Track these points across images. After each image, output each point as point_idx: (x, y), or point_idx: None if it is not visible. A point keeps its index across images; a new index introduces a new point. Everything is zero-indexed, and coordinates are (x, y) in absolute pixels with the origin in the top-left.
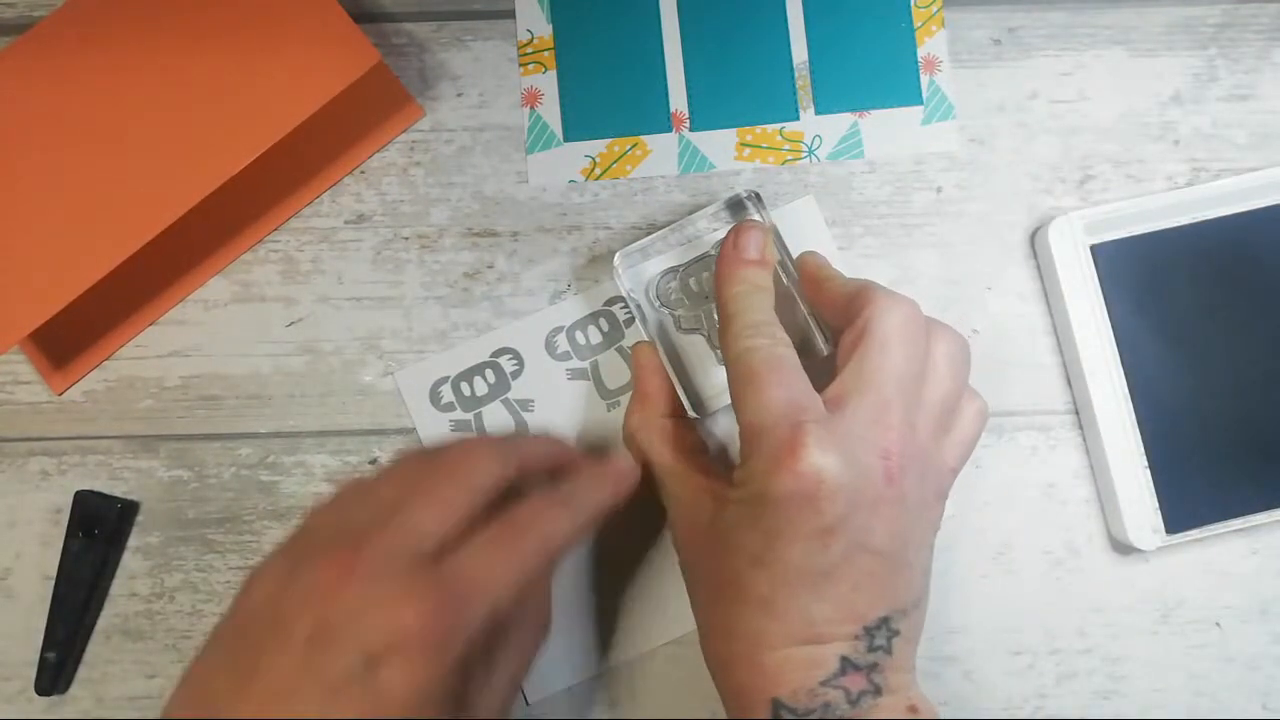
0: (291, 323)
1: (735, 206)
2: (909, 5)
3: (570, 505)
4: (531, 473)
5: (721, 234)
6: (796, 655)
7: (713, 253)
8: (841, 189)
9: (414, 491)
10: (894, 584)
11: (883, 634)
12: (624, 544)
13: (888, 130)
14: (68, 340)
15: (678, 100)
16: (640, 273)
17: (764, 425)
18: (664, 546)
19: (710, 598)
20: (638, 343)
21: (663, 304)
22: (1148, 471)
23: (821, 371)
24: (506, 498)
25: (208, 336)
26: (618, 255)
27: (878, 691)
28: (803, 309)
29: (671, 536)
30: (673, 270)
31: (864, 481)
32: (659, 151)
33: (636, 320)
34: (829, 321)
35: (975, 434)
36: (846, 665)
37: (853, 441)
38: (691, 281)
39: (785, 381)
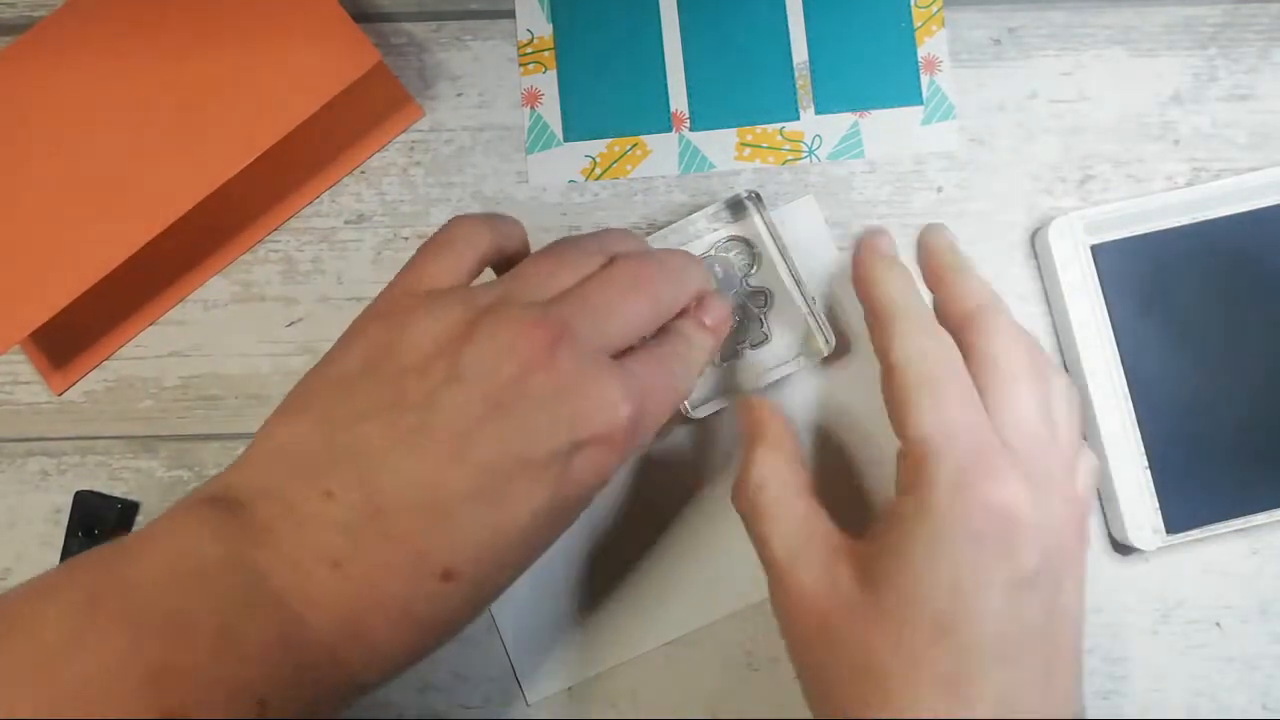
0: (291, 323)
1: (735, 206)
2: (909, 5)
3: (695, 347)
4: (689, 300)
5: (722, 234)
6: None
7: (712, 253)
8: (842, 189)
9: (609, 292)
10: (1080, 669)
11: None
12: (624, 543)
13: (888, 130)
14: (68, 340)
15: (678, 100)
16: None
17: (944, 443)
18: (664, 546)
19: (861, 690)
20: (747, 397)
21: None
22: (1148, 471)
23: (821, 372)
24: None
25: (208, 336)
26: None
27: None
28: (803, 308)
29: (782, 628)
30: None
31: (1056, 526)
32: (659, 151)
33: None
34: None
35: (1089, 495)
36: None
37: (1039, 480)
38: None
39: (968, 399)
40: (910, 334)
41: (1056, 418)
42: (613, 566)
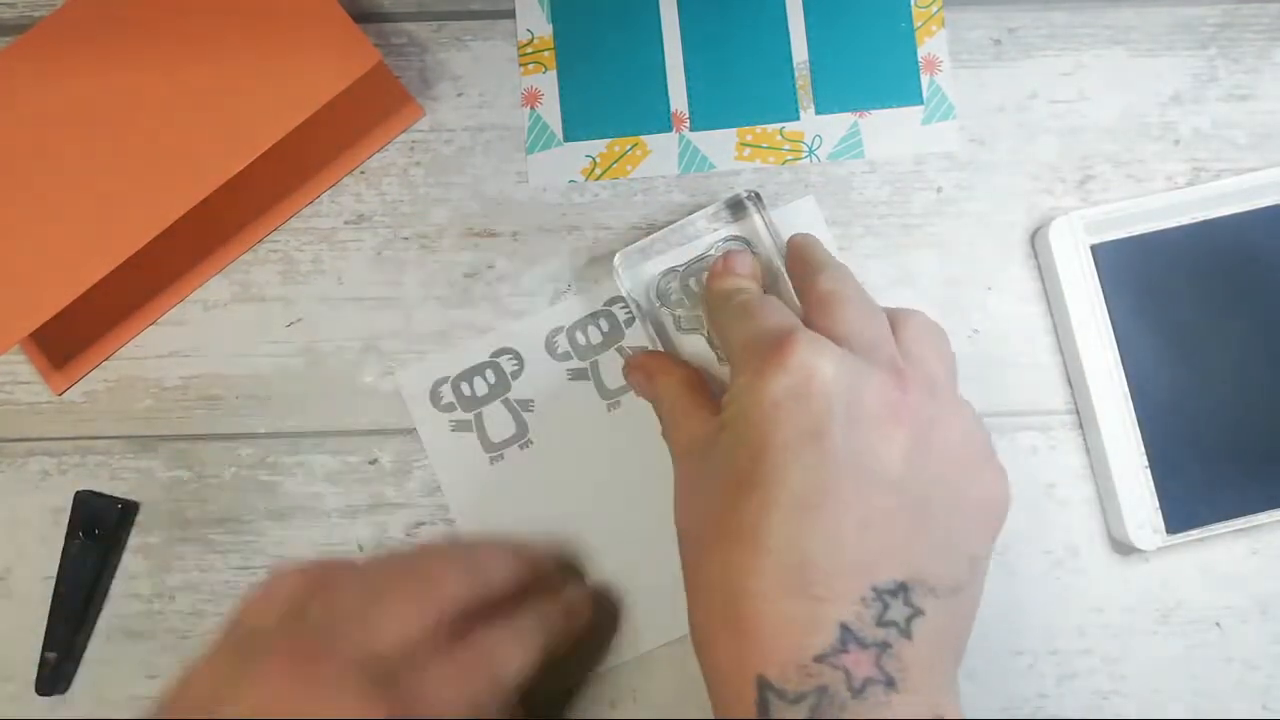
0: (291, 323)
1: (735, 206)
2: (909, 5)
3: (524, 641)
4: (494, 591)
5: (722, 234)
6: (786, 613)
7: (713, 253)
8: (841, 189)
9: (378, 601)
10: (917, 539)
11: (899, 605)
12: (624, 543)
13: (888, 130)
14: (68, 340)
15: (678, 100)
16: (640, 273)
17: (753, 341)
18: (664, 546)
19: (693, 549)
20: (631, 357)
21: (662, 304)
22: (1148, 471)
23: None
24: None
25: (208, 336)
26: (618, 255)
27: (890, 684)
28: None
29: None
30: (673, 270)
31: (868, 387)
32: (659, 151)
33: (637, 320)
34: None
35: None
36: (848, 637)
37: (851, 356)
38: (691, 281)
39: (779, 311)
40: (723, 288)
41: (910, 345)
42: (613, 567)
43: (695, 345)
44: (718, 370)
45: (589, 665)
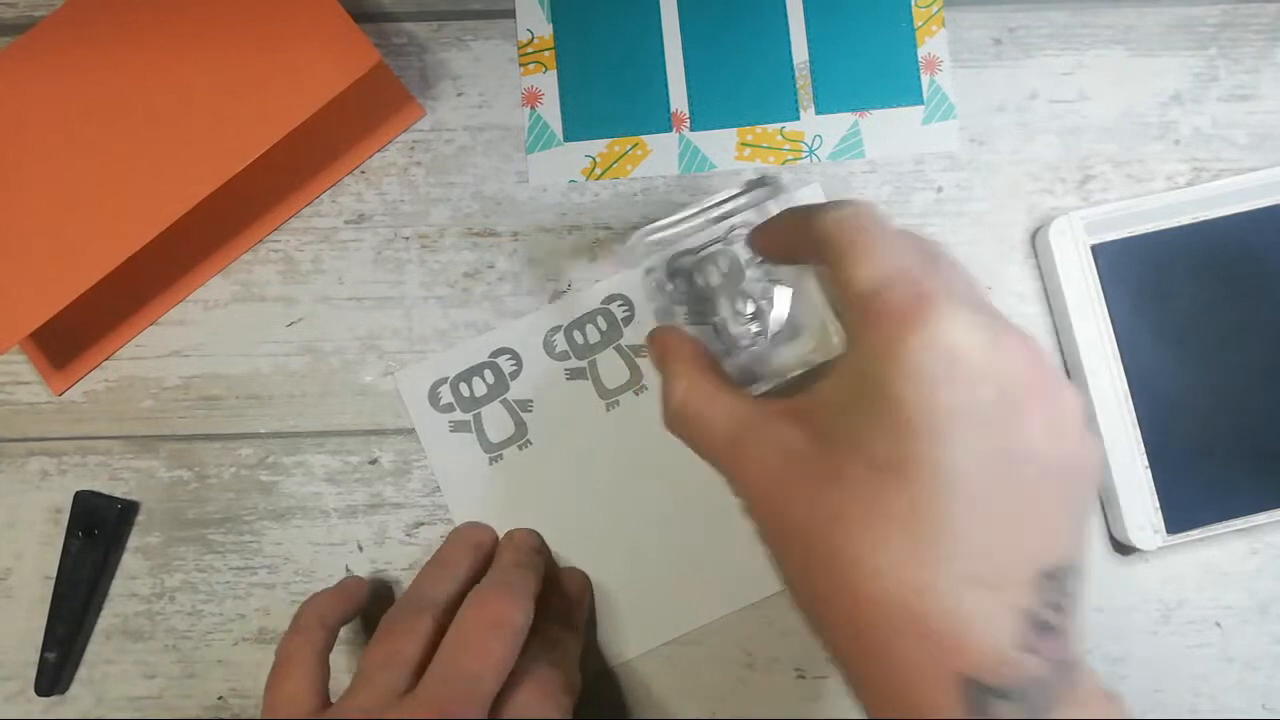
0: (291, 323)
1: (756, 185)
2: (909, 5)
3: (567, 652)
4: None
5: (736, 219)
6: (972, 605)
7: (718, 247)
8: (842, 189)
9: (466, 648)
10: (1062, 517)
11: (1063, 587)
12: (623, 544)
13: (888, 130)
14: (68, 340)
15: (678, 100)
16: (652, 255)
17: (879, 289)
18: (663, 546)
19: (814, 538)
20: (652, 330)
21: (675, 290)
22: (1148, 471)
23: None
24: None
25: (208, 336)
26: (633, 236)
27: (1076, 666)
28: (817, 300)
29: (744, 494)
30: (684, 254)
31: (1013, 365)
32: (659, 151)
33: (648, 302)
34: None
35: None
36: (1035, 623)
37: (987, 322)
38: (697, 274)
39: (901, 249)
40: (836, 205)
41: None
42: (613, 567)
43: (701, 336)
44: (727, 360)
45: (590, 665)
